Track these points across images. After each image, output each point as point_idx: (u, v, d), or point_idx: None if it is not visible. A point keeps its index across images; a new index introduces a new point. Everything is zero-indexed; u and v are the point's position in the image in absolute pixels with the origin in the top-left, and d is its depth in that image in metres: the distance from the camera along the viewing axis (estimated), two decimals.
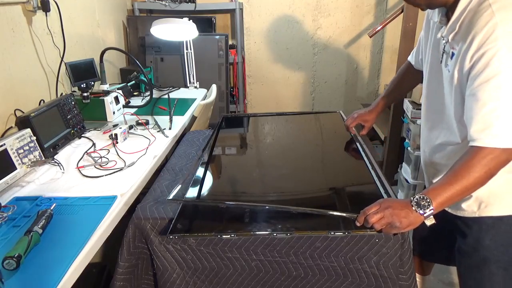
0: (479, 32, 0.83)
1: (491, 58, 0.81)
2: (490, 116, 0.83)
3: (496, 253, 1.04)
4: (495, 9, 0.81)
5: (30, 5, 1.65)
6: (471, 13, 0.87)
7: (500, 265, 1.05)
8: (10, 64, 1.54)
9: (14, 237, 0.93)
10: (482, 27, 0.82)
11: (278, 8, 3.18)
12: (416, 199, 0.88)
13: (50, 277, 0.81)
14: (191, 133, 1.76)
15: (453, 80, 0.94)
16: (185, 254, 1.02)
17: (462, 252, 1.12)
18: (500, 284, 1.06)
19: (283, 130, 1.87)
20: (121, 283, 1.05)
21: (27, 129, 1.29)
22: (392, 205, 0.90)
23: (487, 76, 0.82)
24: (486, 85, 0.83)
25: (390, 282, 1.00)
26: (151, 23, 2.26)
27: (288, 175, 1.36)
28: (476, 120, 0.85)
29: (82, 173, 1.27)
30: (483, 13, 0.83)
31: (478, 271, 1.08)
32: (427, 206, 0.87)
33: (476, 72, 0.84)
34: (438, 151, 1.11)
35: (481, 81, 0.83)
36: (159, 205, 1.11)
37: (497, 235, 1.04)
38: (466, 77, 0.89)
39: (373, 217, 0.90)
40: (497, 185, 0.98)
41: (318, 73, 3.39)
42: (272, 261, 1.01)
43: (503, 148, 0.84)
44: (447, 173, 0.90)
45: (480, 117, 0.85)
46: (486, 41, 0.82)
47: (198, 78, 2.61)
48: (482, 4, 0.84)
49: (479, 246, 1.06)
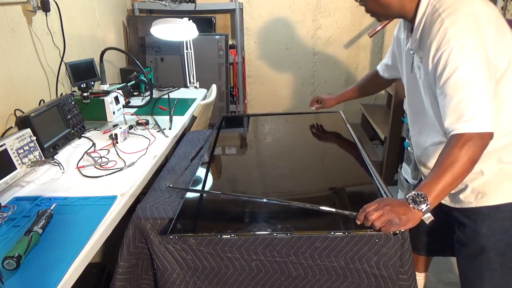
0: (434, 38, 0.94)
1: (447, 57, 0.91)
2: (459, 107, 0.91)
3: (494, 240, 1.08)
4: (444, 16, 0.93)
5: (30, 5, 1.65)
6: (427, 23, 0.99)
7: (497, 252, 1.09)
8: (10, 64, 1.54)
9: (14, 237, 0.93)
10: (436, 33, 0.94)
11: (278, 8, 3.18)
12: (412, 196, 0.91)
13: (50, 277, 0.81)
14: (191, 133, 1.76)
15: (424, 84, 1.06)
16: (185, 254, 1.02)
17: (461, 242, 1.16)
18: (498, 270, 1.10)
19: (283, 130, 1.87)
20: (121, 283, 1.05)
21: (27, 129, 1.29)
22: (391, 203, 0.92)
23: (448, 73, 0.92)
24: (449, 81, 0.92)
25: (390, 282, 1.00)
26: (151, 23, 2.26)
27: (288, 175, 1.36)
28: (448, 114, 0.93)
29: (82, 173, 1.27)
30: (435, 21, 0.95)
31: (477, 259, 1.12)
32: (423, 202, 0.90)
33: (439, 73, 0.94)
34: (430, 152, 1.15)
35: (444, 78, 0.93)
36: (159, 205, 1.11)
37: (493, 223, 1.08)
38: (433, 79, 0.99)
39: (373, 214, 0.91)
40: (491, 175, 1.06)
41: (318, 73, 3.39)
42: (272, 261, 1.01)
43: (476, 132, 0.90)
44: (434, 167, 0.94)
45: (451, 110, 0.92)
46: (441, 44, 0.93)
47: (198, 78, 2.61)
48: (434, 14, 0.96)
49: (477, 235, 1.10)
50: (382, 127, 2.77)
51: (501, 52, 0.95)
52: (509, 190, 1.06)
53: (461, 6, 0.93)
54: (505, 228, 1.07)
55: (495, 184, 1.06)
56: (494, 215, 1.08)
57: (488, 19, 0.93)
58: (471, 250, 1.13)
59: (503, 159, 1.05)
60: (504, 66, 0.97)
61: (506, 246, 1.08)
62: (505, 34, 0.97)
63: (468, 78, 0.90)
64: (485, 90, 0.90)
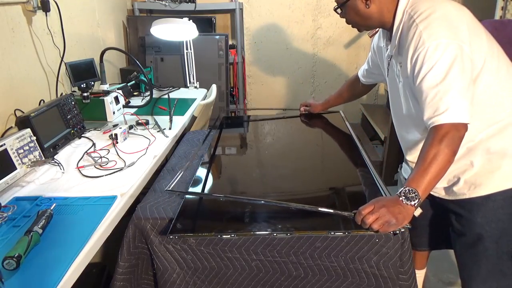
0: (411, 42, 1.02)
1: (423, 57, 0.99)
2: (434, 101, 0.97)
3: (488, 228, 1.13)
4: (418, 22, 1.01)
5: (30, 5, 1.65)
6: (404, 29, 1.07)
7: (492, 240, 1.14)
8: (10, 64, 1.54)
9: (14, 237, 0.93)
10: (411, 37, 1.02)
11: (278, 8, 3.18)
12: (404, 193, 0.94)
13: (50, 277, 0.81)
14: (191, 133, 1.76)
15: (404, 87, 1.13)
16: (185, 254, 1.02)
17: (458, 232, 1.21)
18: (494, 256, 1.15)
19: (283, 130, 1.87)
20: (121, 283, 1.05)
21: (27, 129, 1.29)
22: (386, 204, 0.93)
23: (424, 71, 0.99)
24: (425, 79, 0.99)
25: (390, 282, 1.00)
26: (151, 23, 2.26)
27: (288, 175, 1.36)
28: (425, 109, 1.00)
29: (82, 173, 1.27)
30: (410, 27, 1.03)
31: (474, 248, 1.17)
32: (415, 198, 0.93)
33: (416, 72, 1.01)
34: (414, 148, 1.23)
35: (421, 77, 1.00)
36: (159, 205, 1.11)
37: (487, 212, 1.13)
38: (411, 80, 1.06)
39: (369, 218, 0.92)
40: (480, 166, 1.11)
41: (318, 73, 3.39)
42: (272, 261, 1.01)
43: (451, 123, 0.95)
44: (418, 160, 0.99)
45: (427, 105, 0.99)
46: (417, 46, 1.00)
47: (198, 78, 2.61)
48: (409, 21, 1.04)
49: (473, 224, 1.15)
50: (382, 127, 2.77)
51: (476, 47, 1.01)
52: (499, 179, 1.11)
53: (433, 11, 1.00)
54: (498, 216, 1.12)
55: (485, 175, 1.11)
56: (487, 204, 1.12)
57: (460, 21, 1.00)
58: (468, 239, 1.17)
59: (490, 149, 1.10)
60: (481, 60, 1.03)
61: (500, 233, 1.13)
62: (479, 34, 1.04)
63: (442, 74, 0.96)
64: (459, 84, 0.96)
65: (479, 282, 1.19)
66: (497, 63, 1.06)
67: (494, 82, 1.06)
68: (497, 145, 1.09)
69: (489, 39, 1.07)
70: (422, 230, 1.40)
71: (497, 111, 1.08)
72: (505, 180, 1.11)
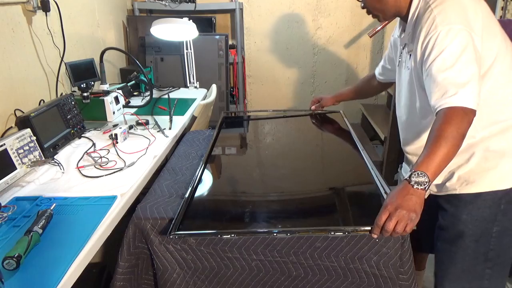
0: (423, 26, 1.01)
1: (434, 41, 0.97)
2: (443, 84, 0.95)
3: (471, 226, 1.13)
4: (433, 7, 1.00)
5: (30, 5, 1.65)
6: (419, 15, 1.05)
7: (473, 238, 1.13)
8: (10, 64, 1.54)
9: (14, 237, 0.93)
10: (425, 21, 1.01)
11: (278, 8, 3.18)
12: (414, 178, 0.88)
13: (50, 277, 0.81)
14: (191, 133, 1.76)
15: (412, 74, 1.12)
16: (185, 254, 1.02)
17: (441, 227, 1.21)
18: (471, 256, 1.15)
19: (283, 130, 1.87)
20: (121, 283, 1.04)
21: (27, 129, 1.29)
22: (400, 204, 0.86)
23: (434, 55, 0.97)
24: (435, 62, 0.97)
25: (390, 282, 1.00)
26: (151, 23, 2.26)
27: (288, 175, 1.36)
28: (434, 92, 0.97)
29: (82, 173, 1.27)
30: (425, 11, 1.02)
31: (453, 244, 1.17)
32: (426, 182, 0.88)
33: (426, 56, 1.00)
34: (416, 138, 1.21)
35: (430, 60, 0.98)
36: (159, 205, 1.11)
37: (473, 210, 1.12)
38: (420, 66, 1.04)
39: (389, 225, 0.85)
40: (476, 163, 1.10)
41: (318, 73, 3.39)
42: (272, 261, 1.01)
43: (460, 106, 0.92)
44: (427, 143, 0.94)
45: (436, 88, 0.96)
46: (429, 30, 0.99)
47: (198, 78, 2.61)
48: (425, 6, 1.03)
49: (457, 221, 1.15)
50: (382, 127, 2.76)
51: (489, 43, 1.00)
52: (493, 178, 1.10)
53: None
54: (484, 216, 1.12)
55: (479, 173, 1.11)
56: (476, 202, 1.12)
57: (475, 11, 0.99)
58: (450, 234, 1.17)
59: (489, 148, 1.09)
60: (492, 57, 1.02)
61: (481, 233, 1.13)
62: (493, 27, 1.03)
63: (453, 59, 0.95)
64: (469, 71, 0.94)
65: (452, 280, 1.19)
66: (509, 62, 1.05)
67: (503, 81, 1.04)
68: (497, 145, 1.09)
69: (504, 37, 1.05)
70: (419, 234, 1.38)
71: (502, 111, 1.07)
72: (499, 180, 1.10)
